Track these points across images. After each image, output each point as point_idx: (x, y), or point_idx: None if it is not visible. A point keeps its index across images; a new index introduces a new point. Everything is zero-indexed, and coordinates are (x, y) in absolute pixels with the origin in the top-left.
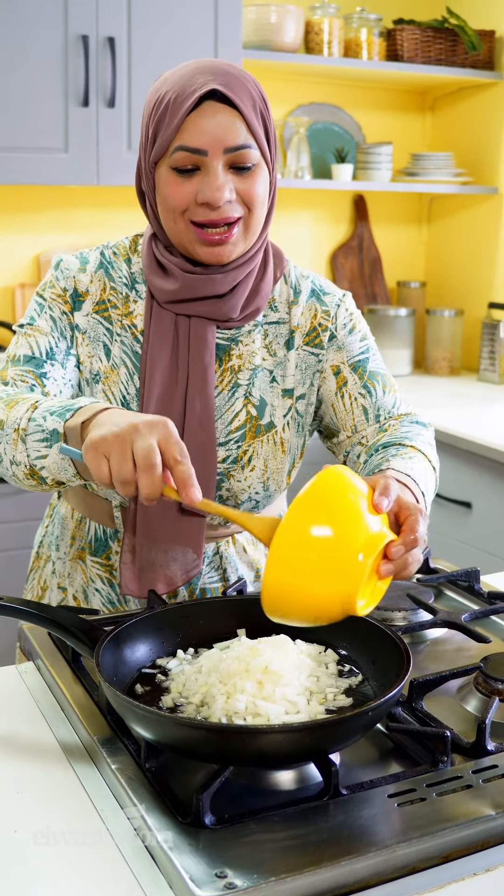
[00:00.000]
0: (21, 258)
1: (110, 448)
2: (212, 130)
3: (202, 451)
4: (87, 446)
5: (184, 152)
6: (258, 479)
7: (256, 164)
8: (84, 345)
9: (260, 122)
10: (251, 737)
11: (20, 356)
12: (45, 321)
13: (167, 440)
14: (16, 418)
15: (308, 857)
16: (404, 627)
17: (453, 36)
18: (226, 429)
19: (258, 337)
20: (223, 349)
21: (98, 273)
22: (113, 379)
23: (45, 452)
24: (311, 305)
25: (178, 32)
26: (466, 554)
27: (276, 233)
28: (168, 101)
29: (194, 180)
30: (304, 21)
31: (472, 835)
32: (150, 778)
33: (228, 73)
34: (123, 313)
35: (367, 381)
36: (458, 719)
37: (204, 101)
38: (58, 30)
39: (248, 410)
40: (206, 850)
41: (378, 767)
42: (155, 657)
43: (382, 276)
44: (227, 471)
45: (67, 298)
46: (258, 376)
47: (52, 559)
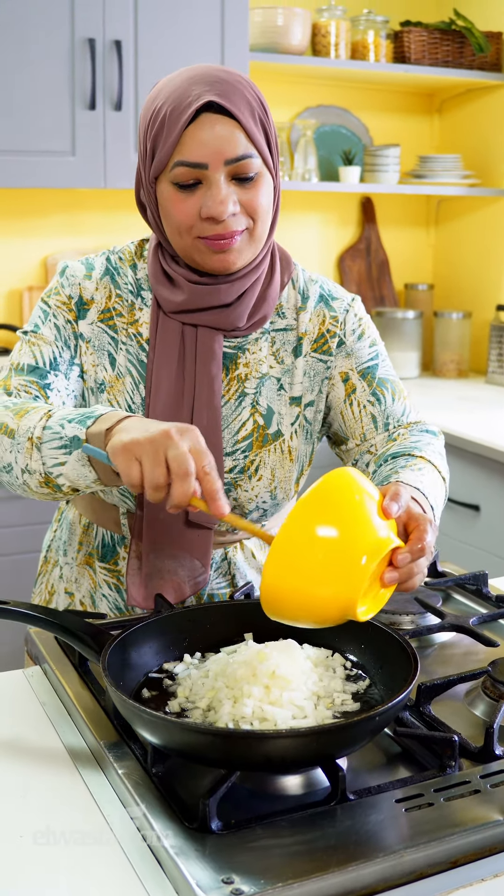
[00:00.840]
0: (28, 261)
1: (143, 452)
2: (211, 143)
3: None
4: (118, 448)
5: (184, 168)
6: (265, 489)
7: (259, 173)
8: (88, 353)
9: (260, 130)
10: (258, 742)
11: (24, 365)
12: (50, 329)
13: (198, 450)
14: (28, 427)
15: (315, 862)
16: (412, 631)
17: (461, 38)
18: (232, 438)
19: (265, 345)
20: (230, 358)
21: (104, 280)
22: (118, 388)
23: (63, 459)
24: (320, 311)
25: (184, 35)
26: (474, 557)
27: (284, 236)
28: (164, 115)
29: (197, 195)
30: (310, 23)
31: (481, 840)
32: (156, 783)
33: (224, 82)
34: (129, 321)
35: (376, 389)
36: (466, 724)
37: (201, 112)
38: (64, 33)
39: (256, 419)
40: (212, 855)
41: (385, 772)
42: (162, 661)
43: (390, 279)
44: (233, 481)
45: (72, 306)
46: (265, 384)
47: (59, 564)
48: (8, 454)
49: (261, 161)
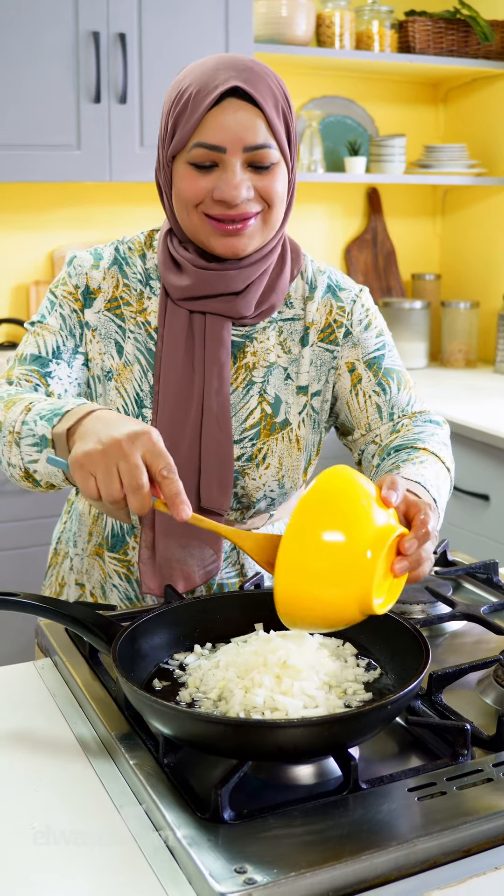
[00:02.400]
0: (35, 255)
1: (96, 466)
2: (232, 128)
3: (220, 449)
4: (73, 463)
5: (202, 149)
6: (273, 477)
7: (276, 163)
8: (95, 342)
9: (281, 121)
10: (269, 731)
11: (27, 355)
12: (55, 319)
13: (153, 454)
14: (12, 420)
15: (328, 851)
16: (423, 620)
17: (465, 27)
18: (240, 426)
19: (273, 334)
20: (238, 346)
21: (112, 269)
22: (126, 376)
23: (36, 457)
24: (327, 301)
25: (188, 27)
26: (484, 546)
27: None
28: (189, 96)
29: (211, 176)
30: (315, 14)
31: (494, 828)
32: (168, 773)
33: (251, 70)
34: (137, 310)
35: (381, 379)
36: (478, 712)
37: (225, 97)
38: (69, 26)
39: (263, 408)
40: (225, 845)
41: (398, 761)
42: (172, 652)
43: (397, 269)
44: (241, 469)
45: (78, 296)
46: (273, 374)
47: (69, 555)
48: None
49: (279, 153)
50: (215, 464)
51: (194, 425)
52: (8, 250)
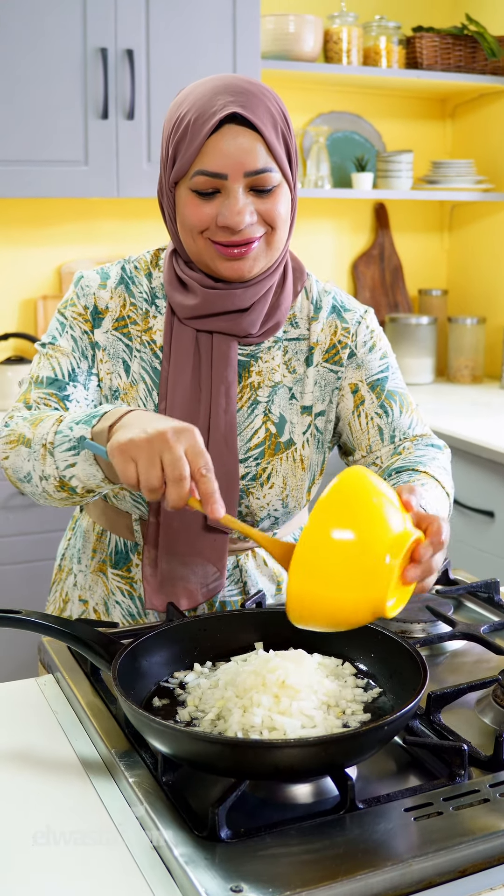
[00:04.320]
0: (43, 271)
1: (139, 452)
2: (232, 154)
3: (226, 468)
4: (115, 448)
5: (204, 176)
6: (277, 497)
7: (277, 186)
8: (104, 362)
9: (281, 143)
10: (266, 751)
11: (43, 378)
12: (67, 341)
13: (195, 451)
14: (42, 434)
15: (324, 871)
16: (423, 639)
17: (473, 43)
18: (245, 446)
19: (278, 354)
20: (243, 365)
21: (118, 289)
22: (132, 395)
23: (73, 461)
24: (332, 322)
25: (196, 43)
26: (489, 564)
27: (297, 243)
28: (188, 123)
29: (214, 203)
30: (322, 30)
31: (489, 849)
32: (166, 791)
33: (249, 93)
34: (143, 329)
35: (384, 401)
36: (477, 732)
37: (224, 123)
38: (77, 43)
39: (268, 427)
40: (221, 864)
41: (395, 781)
42: (172, 670)
43: (404, 285)
44: (245, 488)
45: (88, 317)
46: (277, 393)
47: (73, 572)
48: (27, 463)
49: (280, 174)
50: (222, 483)
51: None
52: (16, 265)
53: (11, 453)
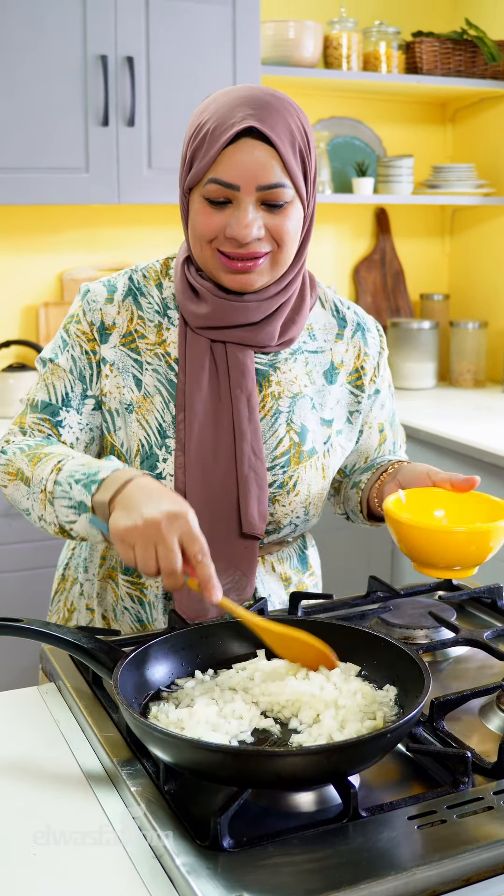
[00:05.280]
0: (44, 277)
1: (135, 540)
2: (247, 167)
3: (258, 477)
4: (115, 533)
5: (217, 185)
6: (301, 504)
7: (289, 202)
8: (112, 376)
9: (298, 159)
10: (269, 759)
11: (38, 402)
12: (66, 360)
13: (189, 537)
14: (41, 478)
15: (327, 880)
16: (426, 646)
17: (472, 47)
18: (271, 454)
19: (297, 364)
20: (263, 375)
21: (126, 301)
22: (147, 408)
23: (73, 518)
24: (356, 343)
25: (196, 50)
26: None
27: None
28: (207, 131)
29: (225, 212)
30: (322, 36)
31: (494, 857)
32: (168, 800)
33: (270, 107)
34: (156, 342)
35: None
36: (481, 738)
37: (242, 136)
38: (77, 50)
39: (291, 437)
40: (224, 873)
41: (398, 789)
42: (174, 678)
43: (405, 289)
44: (273, 496)
45: (93, 334)
46: (298, 403)
47: (79, 581)
48: (25, 500)
49: (293, 191)
50: (255, 489)
51: (228, 453)
52: (17, 272)
53: (10, 485)
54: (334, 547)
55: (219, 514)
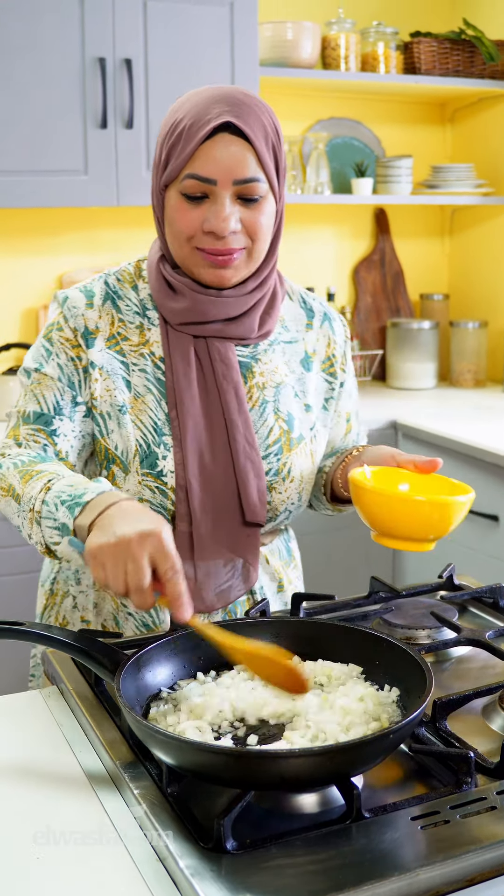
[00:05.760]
0: (43, 279)
1: (106, 559)
2: (223, 161)
3: (255, 466)
4: (87, 552)
5: (194, 180)
6: (296, 491)
7: (263, 196)
8: (102, 380)
9: (271, 155)
10: (272, 761)
11: (30, 413)
12: (53, 368)
13: (161, 555)
14: (30, 497)
15: (330, 881)
16: (428, 646)
17: (471, 47)
18: (264, 443)
19: (277, 355)
20: (246, 366)
21: (105, 306)
22: (140, 408)
23: (58, 540)
24: (325, 331)
25: (194, 52)
26: (494, 568)
27: (297, 249)
28: (183, 128)
29: (202, 208)
30: (320, 37)
31: (497, 857)
32: (171, 803)
33: (244, 105)
34: (140, 343)
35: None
36: (483, 738)
37: (218, 131)
38: (75, 53)
39: (280, 425)
40: (227, 875)
41: (401, 789)
42: (176, 680)
43: (405, 289)
44: (270, 484)
45: (78, 340)
46: (282, 392)
47: (70, 594)
48: (16, 518)
49: (267, 185)
50: (253, 478)
51: (223, 445)
52: (17, 275)
53: (2, 501)
54: (335, 547)
55: (221, 506)
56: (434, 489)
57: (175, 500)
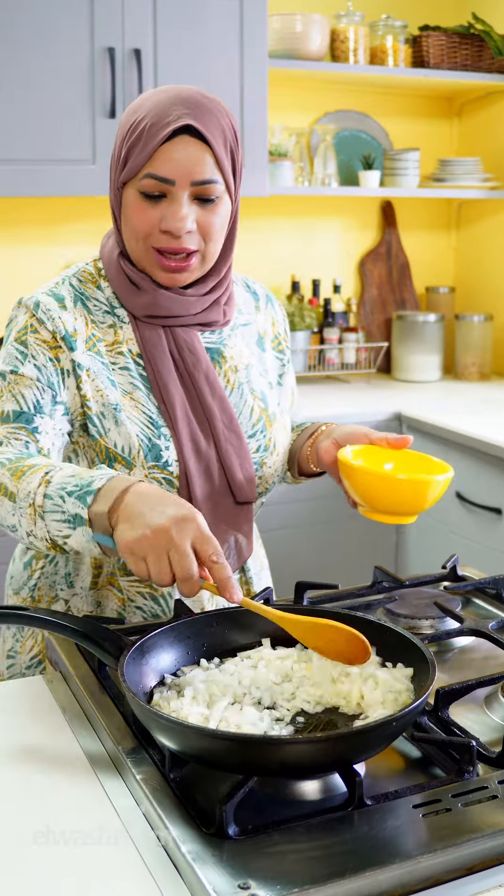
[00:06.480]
0: (50, 268)
1: (146, 552)
2: (182, 162)
3: (236, 448)
4: (124, 547)
5: (152, 180)
6: (280, 463)
7: (220, 197)
8: (90, 381)
9: (228, 157)
10: (274, 747)
11: (9, 412)
12: (31, 370)
13: (201, 539)
14: (28, 492)
15: (331, 868)
16: (431, 636)
17: (479, 41)
18: (249, 422)
19: (238, 339)
20: (217, 352)
21: (77, 307)
22: (132, 404)
23: (68, 533)
24: (269, 312)
25: (203, 43)
26: (497, 560)
27: (304, 241)
28: (143, 128)
29: (159, 207)
30: (329, 29)
31: (498, 846)
32: (174, 788)
33: (204, 107)
34: (114, 342)
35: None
36: (485, 728)
37: (177, 133)
38: (84, 43)
39: (258, 404)
40: (229, 860)
41: (403, 777)
42: (179, 666)
43: (411, 282)
44: (261, 460)
45: (58, 342)
46: (250, 373)
47: (60, 598)
48: (11, 517)
49: (224, 187)
50: (236, 460)
51: (207, 430)
52: (23, 263)
53: None
54: (339, 537)
55: (215, 487)
56: (416, 468)
57: (179, 486)
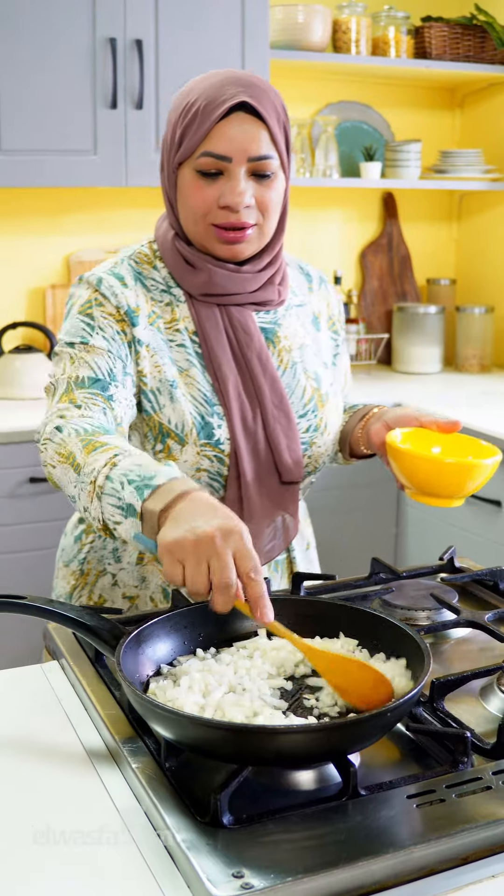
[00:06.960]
0: (51, 259)
1: (186, 555)
2: (238, 139)
3: (284, 428)
4: (163, 547)
5: (210, 158)
6: (331, 443)
7: (275, 173)
8: (150, 356)
9: (282, 134)
10: (269, 737)
11: (83, 378)
12: (101, 340)
13: (242, 554)
14: (93, 469)
15: (325, 857)
16: (427, 627)
17: (482, 33)
18: (300, 402)
19: (293, 319)
20: (271, 332)
21: (137, 285)
22: (188, 381)
23: (120, 520)
24: (323, 293)
25: (205, 33)
26: (495, 552)
27: (305, 232)
28: (198, 109)
29: (217, 184)
30: (331, 20)
31: (492, 836)
32: (169, 777)
33: (256, 86)
34: (172, 319)
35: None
36: (480, 719)
37: (232, 111)
38: (86, 33)
39: (311, 384)
40: (223, 849)
41: (398, 768)
42: (176, 656)
43: (412, 274)
44: (311, 440)
45: (123, 316)
46: (305, 353)
47: (108, 572)
48: (72, 487)
49: (279, 162)
50: (283, 440)
51: (258, 410)
52: (25, 254)
53: (59, 467)
54: (337, 528)
55: (262, 467)
56: (464, 451)
57: (229, 465)
